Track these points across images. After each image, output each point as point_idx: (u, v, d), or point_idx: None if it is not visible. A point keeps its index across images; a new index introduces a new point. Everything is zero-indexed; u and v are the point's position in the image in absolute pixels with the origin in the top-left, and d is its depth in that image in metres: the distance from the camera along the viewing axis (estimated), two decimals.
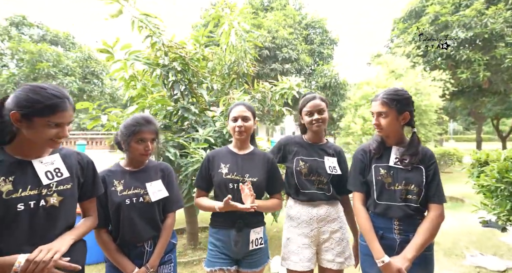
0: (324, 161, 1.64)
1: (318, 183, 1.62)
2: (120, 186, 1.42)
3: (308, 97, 1.69)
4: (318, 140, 1.74)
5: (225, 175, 1.55)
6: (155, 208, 1.45)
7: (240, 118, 1.58)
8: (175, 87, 3.16)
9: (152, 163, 1.56)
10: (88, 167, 1.25)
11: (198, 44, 3.35)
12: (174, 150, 2.84)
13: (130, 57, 2.68)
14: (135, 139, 1.40)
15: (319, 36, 13.77)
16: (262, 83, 3.87)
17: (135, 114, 1.52)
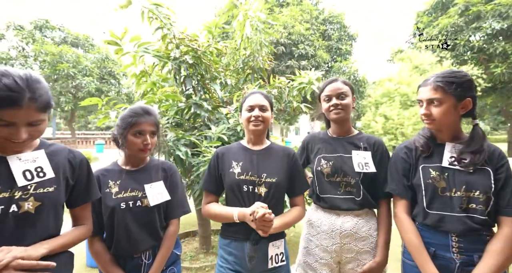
0: (351, 157, 1.36)
1: (345, 185, 1.35)
2: (116, 188, 1.25)
3: (328, 80, 1.45)
4: (344, 132, 1.47)
5: (237, 175, 1.31)
6: (154, 213, 1.27)
7: (257, 107, 1.35)
8: (186, 82, 2.98)
9: (153, 162, 1.39)
10: (81, 167, 1.05)
11: (211, 35, 3.16)
12: (185, 149, 2.67)
13: (139, 49, 2.52)
14: (132, 131, 1.24)
15: (337, 31, 13.27)
16: (278, 78, 3.64)
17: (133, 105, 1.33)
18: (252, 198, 1.28)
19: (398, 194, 1.23)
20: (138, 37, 2.54)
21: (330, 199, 1.37)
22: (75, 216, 1.09)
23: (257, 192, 1.28)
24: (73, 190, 1.04)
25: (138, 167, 1.34)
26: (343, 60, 12.63)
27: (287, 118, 14.00)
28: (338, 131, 1.48)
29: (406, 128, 8.12)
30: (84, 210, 1.09)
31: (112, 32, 2.35)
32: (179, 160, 2.65)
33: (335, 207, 1.36)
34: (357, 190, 1.34)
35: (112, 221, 1.21)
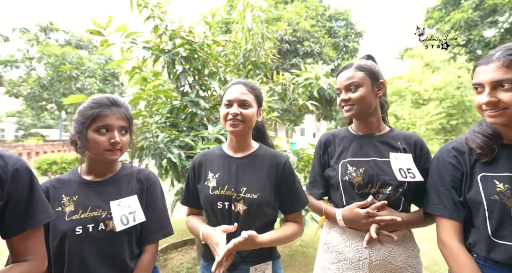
0: (390, 162, 1.06)
1: (382, 198, 1.06)
2: (71, 206, 0.94)
3: (341, 67, 1.17)
4: (373, 129, 1.16)
5: (212, 190, 1.08)
6: (123, 240, 0.97)
7: (236, 103, 1.09)
8: (181, 78, 2.72)
9: (125, 170, 1.09)
10: (15, 179, 0.76)
11: (208, 26, 2.89)
12: (178, 151, 2.40)
13: (125, 40, 2.26)
14: (95, 127, 0.95)
15: (343, 28, 12.89)
16: (283, 74, 3.36)
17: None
18: (228, 217, 1.06)
19: (445, 214, 0.92)
20: (125, 27, 2.28)
21: None
22: (13, 249, 0.79)
23: (234, 210, 1.05)
24: (4, 214, 0.75)
25: (105, 178, 1.04)
26: (350, 58, 12.25)
27: (292, 118, 13.65)
28: (366, 129, 1.17)
29: (419, 128, 7.72)
30: (26, 240, 0.79)
31: (95, 20, 2.09)
32: (172, 163, 2.39)
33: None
34: (397, 204, 1.05)
35: (62, 250, 0.91)
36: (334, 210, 1.11)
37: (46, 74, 15.44)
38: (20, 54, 17.00)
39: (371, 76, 1.11)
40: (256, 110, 1.14)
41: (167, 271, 3.02)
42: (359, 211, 1.02)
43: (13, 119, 28.32)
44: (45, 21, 17.15)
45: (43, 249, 0.83)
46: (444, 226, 0.93)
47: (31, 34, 16.71)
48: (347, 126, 1.27)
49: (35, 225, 0.79)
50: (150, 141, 2.31)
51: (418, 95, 8.34)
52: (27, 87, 16.33)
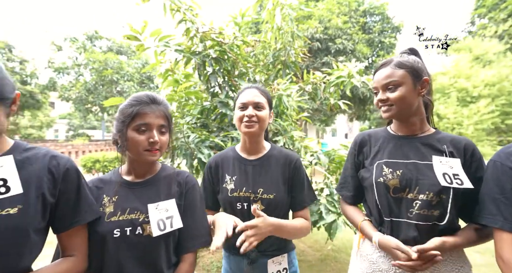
0: (432, 165, 0.96)
1: (420, 206, 0.94)
2: (110, 207, 0.93)
3: (379, 64, 1.07)
4: (415, 130, 1.06)
5: (231, 192, 1.14)
6: (159, 246, 0.91)
7: (251, 105, 1.14)
8: (211, 79, 2.75)
9: (165, 172, 1.05)
10: (66, 178, 0.81)
11: (238, 27, 2.89)
12: (208, 151, 2.43)
13: (159, 44, 2.34)
14: (134, 126, 0.92)
15: (378, 23, 12.18)
16: (313, 73, 3.25)
17: None
18: (247, 217, 1.08)
19: (506, 227, 0.80)
20: (159, 31, 2.37)
21: (397, 225, 0.99)
22: (61, 244, 0.84)
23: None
24: (56, 210, 0.80)
25: (144, 179, 1.01)
26: (386, 54, 11.54)
27: (323, 119, 13.26)
28: (404, 129, 1.09)
29: (466, 128, 6.98)
30: (72, 236, 0.84)
31: (131, 25, 2.20)
32: (202, 163, 2.43)
33: (404, 236, 0.96)
34: (441, 212, 0.93)
35: (101, 253, 0.88)
36: (370, 233, 1.03)
37: (91, 79, 17.01)
38: (70, 61, 18.89)
39: (413, 73, 1.01)
40: (269, 113, 1.19)
41: (198, 269, 3.08)
42: (398, 253, 0.91)
43: (64, 120, 31.44)
44: (91, 30, 18.92)
45: (85, 247, 0.86)
46: (505, 240, 0.80)
47: (79, 43, 18.49)
48: (386, 126, 1.19)
49: (80, 222, 0.83)
50: (182, 141, 2.37)
51: (466, 92, 7.54)
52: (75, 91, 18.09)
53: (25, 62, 19.46)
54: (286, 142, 2.69)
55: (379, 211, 1.02)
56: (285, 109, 2.66)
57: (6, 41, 18.42)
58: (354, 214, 1.15)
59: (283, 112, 2.72)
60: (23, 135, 19.06)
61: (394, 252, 0.92)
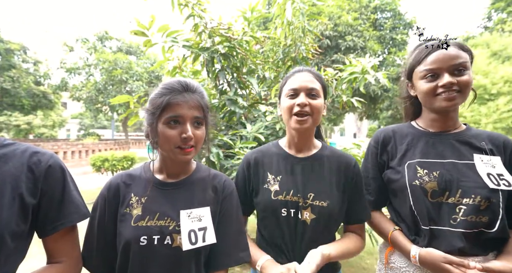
0: (473, 164, 0.86)
1: (466, 212, 0.82)
2: (138, 209, 0.82)
3: (425, 49, 0.91)
4: (450, 126, 0.95)
5: (274, 195, 0.94)
6: (190, 260, 0.80)
7: (303, 91, 0.93)
8: (220, 76, 2.68)
9: (201, 173, 0.92)
10: (48, 176, 0.72)
11: (247, 22, 2.81)
12: (216, 150, 2.37)
13: (167, 39, 2.28)
14: (165, 118, 0.80)
15: (390, 20, 11.88)
16: (324, 69, 3.14)
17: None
18: (294, 226, 0.93)
19: None
20: (167, 27, 2.31)
21: (438, 234, 0.85)
22: (47, 249, 0.77)
23: (300, 218, 0.92)
24: (38, 211, 0.73)
25: (178, 179, 0.89)
26: (397, 51, 11.25)
27: (332, 117, 13.06)
28: (439, 124, 0.96)
29: (484, 126, 6.70)
30: (59, 240, 0.76)
31: (138, 20, 2.14)
32: (210, 162, 2.36)
33: (447, 247, 0.83)
34: (490, 219, 0.81)
35: (126, 258, 0.79)
36: (406, 246, 0.89)
37: (101, 79, 17.32)
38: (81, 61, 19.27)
39: (471, 58, 0.91)
40: (323, 101, 0.99)
41: None
42: (448, 268, 0.78)
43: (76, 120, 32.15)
44: (102, 30, 19.24)
45: (77, 251, 0.80)
46: None
47: (90, 43, 18.84)
48: (408, 121, 1.06)
49: (66, 224, 0.75)
50: None
51: (483, 89, 7.23)
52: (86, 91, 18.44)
53: (39, 63, 19.95)
54: None
55: (414, 218, 0.89)
56: None
57: (21, 43, 18.93)
58: (381, 222, 1.01)
59: None
60: (36, 134, 19.54)
61: (443, 267, 0.78)
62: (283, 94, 0.99)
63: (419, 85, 0.94)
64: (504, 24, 8.49)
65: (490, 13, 11.71)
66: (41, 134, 19.67)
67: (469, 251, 0.82)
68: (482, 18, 12.50)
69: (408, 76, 1.00)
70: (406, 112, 1.08)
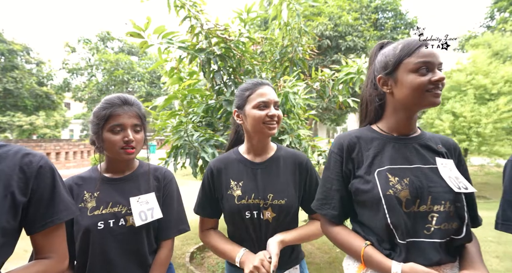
0: (436, 168, 0.83)
1: (439, 220, 0.78)
2: (92, 202, 1.00)
3: (415, 41, 0.84)
4: (412, 129, 0.92)
5: (238, 200, 1.05)
6: (142, 235, 1.00)
7: (272, 104, 1.07)
8: (216, 77, 2.70)
9: (143, 168, 1.13)
10: (39, 176, 0.78)
11: (243, 23, 2.83)
12: (212, 150, 2.38)
13: (162, 41, 2.30)
14: (108, 127, 0.98)
15: (391, 20, 11.83)
16: (321, 70, 3.15)
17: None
18: (258, 225, 1.05)
19: None
20: (163, 28, 2.33)
21: (415, 247, 0.78)
22: (35, 245, 0.81)
23: (262, 218, 1.05)
24: (28, 209, 0.77)
25: (124, 175, 1.08)
26: None
27: (333, 118, 13.04)
28: (402, 127, 0.90)
29: (484, 127, 6.66)
30: (49, 236, 0.80)
31: (134, 22, 2.17)
32: (206, 163, 2.38)
33: (425, 261, 0.76)
34: (458, 224, 0.79)
35: (85, 245, 0.95)
36: (385, 261, 0.77)
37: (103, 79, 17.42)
38: (83, 62, 19.41)
39: None
40: None
41: (203, 269, 3.04)
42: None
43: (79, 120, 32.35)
44: (104, 31, 19.35)
45: (64, 247, 0.84)
46: None
47: (92, 44, 18.96)
48: (368, 125, 0.98)
49: (56, 222, 0.80)
50: (185, 140, 2.33)
51: (484, 89, 7.16)
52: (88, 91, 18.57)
53: (42, 63, 20.11)
54: (293, 141, 2.60)
55: (389, 232, 0.79)
56: (292, 107, 2.58)
57: (24, 43, 19.09)
58: (350, 238, 0.88)
59: (290, 110, 2.64)
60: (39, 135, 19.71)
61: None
62: (251, 104, 1.07)
63: (408, 78, 0.82)
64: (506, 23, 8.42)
65: (493, 12, 11.62)
66: (44, 134, 19.84)
67: (444, 261, 0.78)
68: (484, 17, 12.43)
69: (390, 70, 0.87)
70: (369, 114, 0.98)
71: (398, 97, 0.86)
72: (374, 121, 0.97)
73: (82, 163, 11.88)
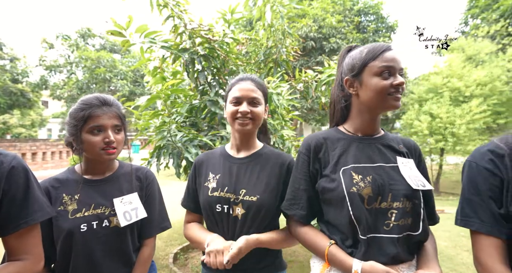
0: (397, 167, 0.88)
1: (397, 216, 0.83)
2: (73, 204, 0.97)
3: (380, 45, 0.90)
4: (375, 130, 0.97)
5: (211, 192, 1.05)
6: (126, 235, 1.01)
7: (245, 100, 1.05)
8: (200, 77, 2.69)
9: (124, 169, 1.12)
10: (11, 176, 0.75)
11: (227, 24, 2.84)
12: (196, 150, 2.38)
13: (145, 40, 2.27)
14: (88, 128, 0.96)
15: (373, 23, 12.20)
16: (305, 71, 3.22)
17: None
18: (227, 221, 1.03)
19: (483, 230, 0.76)
20: (145, 27, 2.30)
21: (375, 242, 0.82)
22: (8, 247, 0.79)
23: (232, 214, 1.02)
24: (0, 211, 0.75)
25: (104, 176, 1.06)
26: None
27: (318, 118, 13.26)
28: (367, 128, 0.95)
29: (458, 127, 7.03)
30: (23, 238, 0.78)
31: (115, 20, 2.12)
32: (189, 163, 2.38)
33: (383, 256, 0.80)
34: (414, 220, 0.85)
35: (68, 248, 0.94)
36: (347, 260, 0.81)
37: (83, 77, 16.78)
38: (62, 59, 18.61)
39: None
40: (264, 108, 1.12)
41: (187, 270, 3.03)
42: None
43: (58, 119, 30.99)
44: (84, 27, 18.64)
45: (39, 248, 0.82)
46: (482, 244, 0.76)
47: (71, 41, 18.22)
48: (335, 127, 1.02)
49: (29, 223, 0.78)
50: (168, 140, 2.31)
51: (458, 92, 7.57)
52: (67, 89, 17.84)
53: (16, 60, 19.11)
54: (276, 141, 2.65)
55: (353, 228, 0.83)
56: (276, 108, 2.62)
57: None
58: (317, 238, 0.91)
59: (274, 111, 2.68)
60: (14, 134, 18.72)
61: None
62: (228, 100, 1.09)
63: (372, 81, 0.87)
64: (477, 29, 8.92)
65: (467, 19, 12.27)
66: (19, 134, 18.86)
67: (402, 257, 0.82)
68: (459, 23, 13.08)
69: (356, 72, 0.91)
70: (336, 115, 1.02)
71: (363, 99, 0.91)
72: (341, 122, 1.02)
73: (61, 163, 11.42)
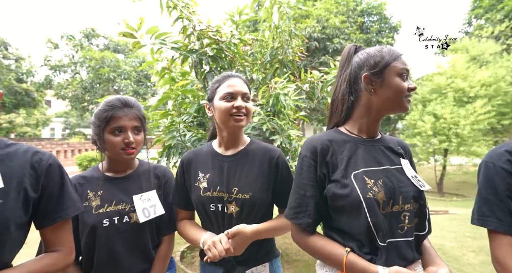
0: (401, 168, 0.88)
1: (410, 218, 0.82)
2: (97, 200, 1.03)
3: (396, 49, 0.90)
4: (376, 132, 0.95)
5: (203, 192, 1.05)
6: (146, 231, 1.06)
7: (239, 95, 1.06)
8: (208, 77, 2.73)
9: (143, 167, 1.17)
10: (49, 174, 0.81)
11: (235, 25, 2.88)
12: None
13: (155, 41, 2.32)
14: (110, 129, 1.02)
15: (376, 23, 12.21)
16: (310, 72, 3.24)
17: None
18: (222, 219, 1.04)
19: (500, 229, 0.78)
20: (156, 28, 2.34)
21: (394, 247, 0.80)
22: (45, 239, 0.84)
23: (226, 212, 1.04)
24: (39, 205, 0.80)
25: (125, 174, 1.12)
26: None
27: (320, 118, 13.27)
28: (371, 130, 0.93)
29: (462, 128, 7.02)
30: (57, 231, 0.84)
31: (127, 22, 2.17)
32: None
33: (402, 260, 0.79)
34: (421, 221, 0.85)
35: (92, 242, 0.99)
36: (369, 267, 0.76)
37: (88, 77, 16.92)
38: (67, 59, 18.75)
39: None
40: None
41: (194, 268, 3.07)
42: None
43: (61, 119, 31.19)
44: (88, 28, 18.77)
45: (71, 241, 0.87)
46: (500, 243, 0.77)
47: (76, 41, 18.36)
48: (334, 128, 0.97)
49: (64, 217, 0.83)
50: (178, 139, 2.35)
51: (462, 92, 7.57)
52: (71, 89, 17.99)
53: (21, 59, 19.28)
54: (283, 141, 2.68)
55: (370, 235, 0.79)
56: (282, 108, 2.65)
57: (2, 38, 18.24)
58: (328, 246, 0.84)
59: (280, 111, 2.71)
60: (18, 133, 18.89)
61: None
62: (219, 96, 1.06)
63: (396, 81, 0.85)
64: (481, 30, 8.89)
65: (471, 19, 12.23)
66: (23, 133, 19.01)
67: (416, 258, 0.82)
68: (463, 24, 13.04)
69: (378, 69, 0.87)
70: (336, 115, 0.96)
71: (381, 97, 0.87)
72: (341, 123, 0.96)
73: (66, 163, 11.51)
